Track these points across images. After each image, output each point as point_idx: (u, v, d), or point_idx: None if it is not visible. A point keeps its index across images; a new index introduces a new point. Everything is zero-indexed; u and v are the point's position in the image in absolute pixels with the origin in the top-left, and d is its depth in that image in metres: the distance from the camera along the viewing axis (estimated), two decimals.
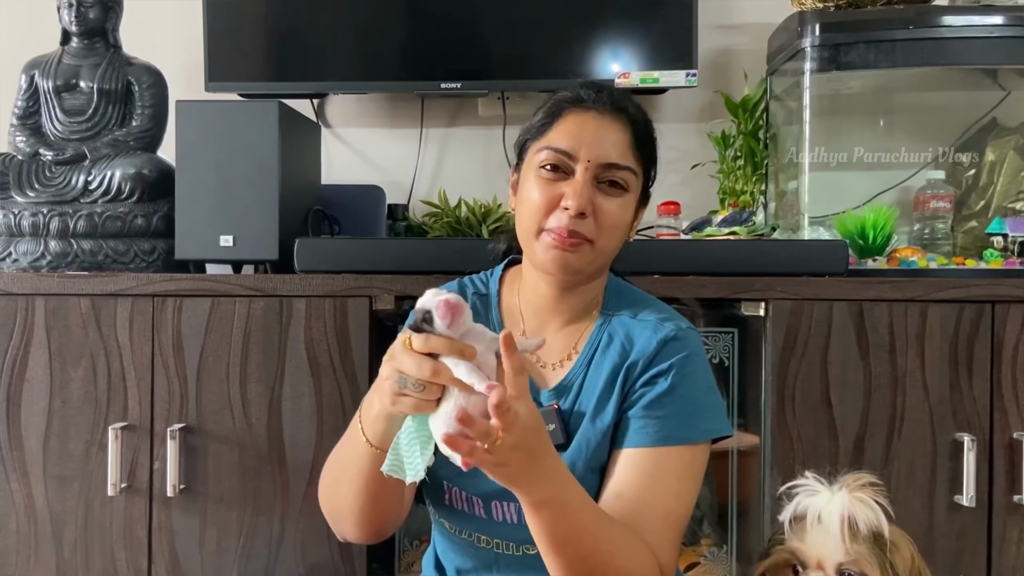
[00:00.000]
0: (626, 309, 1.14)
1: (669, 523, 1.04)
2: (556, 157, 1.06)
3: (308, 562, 1.43)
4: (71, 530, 1.46)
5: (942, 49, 1.60)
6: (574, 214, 1.04)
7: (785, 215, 1.78)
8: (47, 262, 1.60)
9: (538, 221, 1.06)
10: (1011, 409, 1.37)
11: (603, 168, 1.06)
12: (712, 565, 1.56)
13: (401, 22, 1.92)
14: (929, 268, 1.54)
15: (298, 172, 1.65)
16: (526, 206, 1.08)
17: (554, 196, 1.06)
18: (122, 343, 1.45)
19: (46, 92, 1.69)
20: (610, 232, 1.07)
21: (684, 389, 1.07)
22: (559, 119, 1.08)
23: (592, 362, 1.11)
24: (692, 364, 1.09)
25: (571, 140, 1.06)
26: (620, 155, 1.07)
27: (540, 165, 1.07)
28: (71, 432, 1.45)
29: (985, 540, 1.37)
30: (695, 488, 1.08)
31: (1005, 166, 1.72)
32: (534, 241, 1.08)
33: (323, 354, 1.42)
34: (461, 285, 1.21)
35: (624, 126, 1.08)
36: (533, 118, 1.12)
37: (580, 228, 1.05)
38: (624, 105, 1.09)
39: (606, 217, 1.06)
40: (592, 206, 1.05)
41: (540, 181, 1.07)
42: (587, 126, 1.06)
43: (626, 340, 1.11)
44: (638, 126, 1.09)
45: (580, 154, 1.05)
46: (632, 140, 1.08)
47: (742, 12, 1.99)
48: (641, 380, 1.08)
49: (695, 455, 1.08)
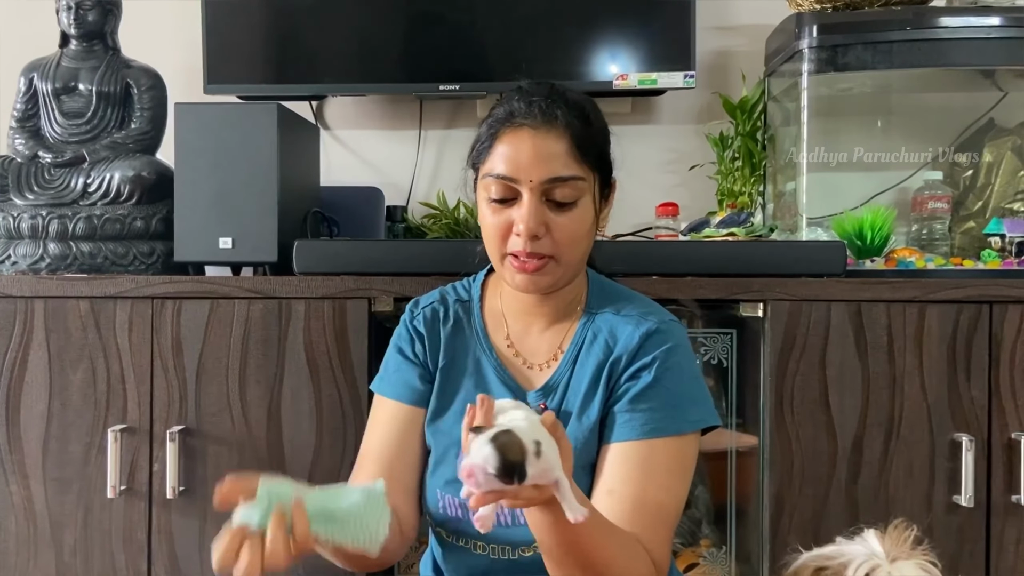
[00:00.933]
0: (609, 306, 1.14)
1: (661, 517, 1.04)
2: (499, 183, 1.05)
3: (307, 563, 1.42)
4: (70, 532, 1.46)
5: (939, 50, 1.60)
6: (527, 236, 1.04)
7: (783, 216, 1.78)
8: (46, 264, 1.60)
9: (498, 247, 1.07)
10: (1009, 409, 1.37)
11: (548, 183, 1.04)
12: (711, 566, 1.56)
13: (399, 24, 1.92)
14: (927, 269, 1.54)
15: (297, 174, 1.65)
16: (485, 232, 1.09)
17: (506, 223, 1.06)
18: (121, 345, 1.45)
19: (45, 95, 1.69)
20: (570, 245, 1.07)
21: (668, 381, 1.07)
22: (497, 141, 1.06)
23: (577, 361, 1.12)
24: (675, 356, 1.09)
25: (509, 164, 1.04)
26: (563, 166, 1.04)
27: (488, 195, 1.07)
28: (70, 434, 1.46)
29: (983, 540, 1.37)
30: (686, 480, 1.08)
31: (1002, 167, 1.72)
32: (500, 266, 1.10)
33: (322, 356, 1.42)
34: (442, 293, 1.21)
35: (560, 134, 1.04)
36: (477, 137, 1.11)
37: (538, 248, 1.05)
38: (555, 113, 1.05)
39: (562, 232, 1.05)
40: (545, 225, 1.04)
41: (490, 210, 1.07)
42: (523, 146, 1.04)
43: (609, 336, 1.11)
44: (575, 129, 1.05)
45: (521, 176, 1.04)
46: (572, 147, 1.05)
47: (740, 14, 1.99)
48: (625, 375, 1.08)
49: (684, 446, 1.07)
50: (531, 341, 1.16)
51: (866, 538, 0.90)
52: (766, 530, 1.39)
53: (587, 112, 1.08)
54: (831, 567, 0.89)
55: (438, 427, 1.14)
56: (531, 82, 1.10)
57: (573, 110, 1.06)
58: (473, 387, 1.14)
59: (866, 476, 1.38)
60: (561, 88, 1.09)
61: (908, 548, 0.89)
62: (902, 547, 0.89)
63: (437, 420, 1.15)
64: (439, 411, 1.15)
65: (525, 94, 1.07)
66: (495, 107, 1.09)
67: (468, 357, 1.16)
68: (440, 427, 1.14)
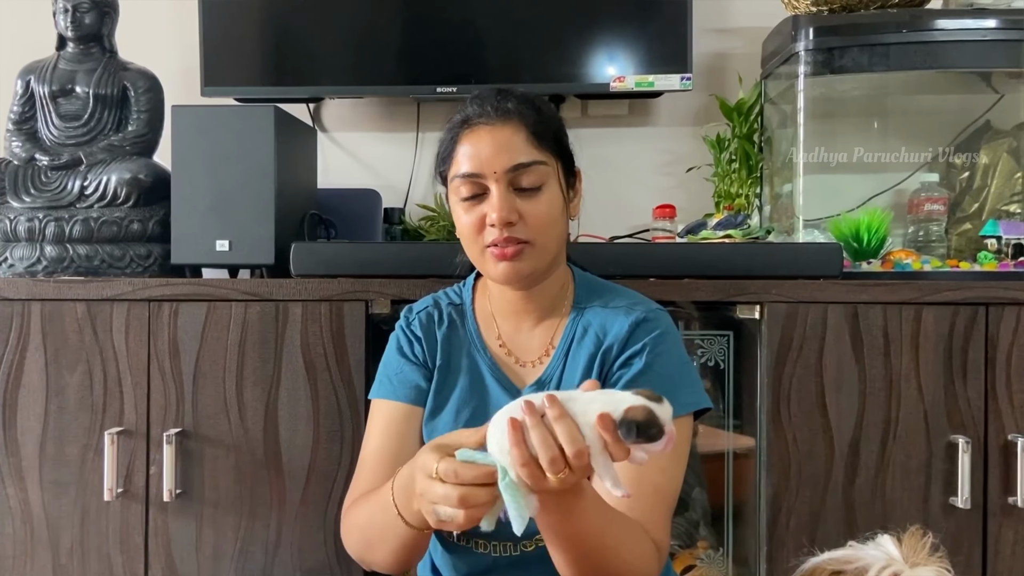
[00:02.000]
0: (597, 300, 1.17)
1: (659, 499, 1.06)
2: (467, 182, 1.09)
3: (305, 566, 1.43)
4: (67, 535, 1.46)
5: (935, 53, 1.60)
6: (500, 225, 1.07)
7: (780, 218, 1.78)
8: (43, 267, 1.60)
9: (475, 242, 1.11)
10: (1005, 411, 1.37)
11: (512, 172, 1.08)
12: (709, 567, 1.56)
13: (397, 27, 1.92)
14: (923, 271, 1.55)
15: (294, 176, 1.65)
16: (462, 233, 1.12)
17: (479, 218, 1.09)
18: (118, 348, 1.45)
19: (42, 97, 1.69)
20: (544, 229, 1.10)
21: (660, 367, 1.10)
22: (458, 144, 1.10)
23: (569, 355, 1.15)
24: (665, 342, 1.12)
25: (473, 161, 1.08)
26: (522, 153, 1.08)
27: (458, 196, 1.10)
28: (67, 437, 1.45)
29: (980, 542, 1.37)
30: (682, 461, 1.11)
31: (999, 169, 1.72)
32: (482, 262, 1.12)
33: (319, 358, 1.42)
34: (435, 299, 1.24)
35: (516, 126, 1.09)
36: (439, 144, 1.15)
37: (514, 233, 1.08)
38: (507, 107, 1.10)
39: (534, 218, 1.09)
40: (517, 212, 1.08)
41: (463, 208, 1.10)
42: (482, 142, 1.08)
43: (599, 329, 1.14)
44: (528, 119, 1.10)
45: (485, 170, 1.07)
46: (528, 134, 1.09)
47: (736, 16, 2.00)
48: (617, 363, 1.11)
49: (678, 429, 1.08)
50: (522, 339, 1.18)
51: (881, 543, 0.89)
52: (763, 532, 1.39)
53: (537, 103, 1.13)
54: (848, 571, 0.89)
55: (435, 426, 1.16)
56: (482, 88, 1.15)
57: (523, 102, 1.12)
58: (468, 386, 1.17)
59: (863, 478, 1.38)
60: (509, 87, 1.14)
61: (926, 554, 0.88)
62: (920, 553, 0.88)
63: (434, 419, 1.17)
64: (436, 410, 1.17)
65: (476, 98, 1.12)
66: (452, 117, 1.14)
67: (463, 357, 1.19)
68: (436, 426, 1.16)
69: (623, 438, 0.81)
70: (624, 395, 0.83)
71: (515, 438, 0.81)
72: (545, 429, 0.81)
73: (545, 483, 0.82)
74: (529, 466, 0.81)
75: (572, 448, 0.80)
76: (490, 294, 1.20)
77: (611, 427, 0.80)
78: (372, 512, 1.05)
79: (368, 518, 1.07)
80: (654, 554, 1.02)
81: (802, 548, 1.18)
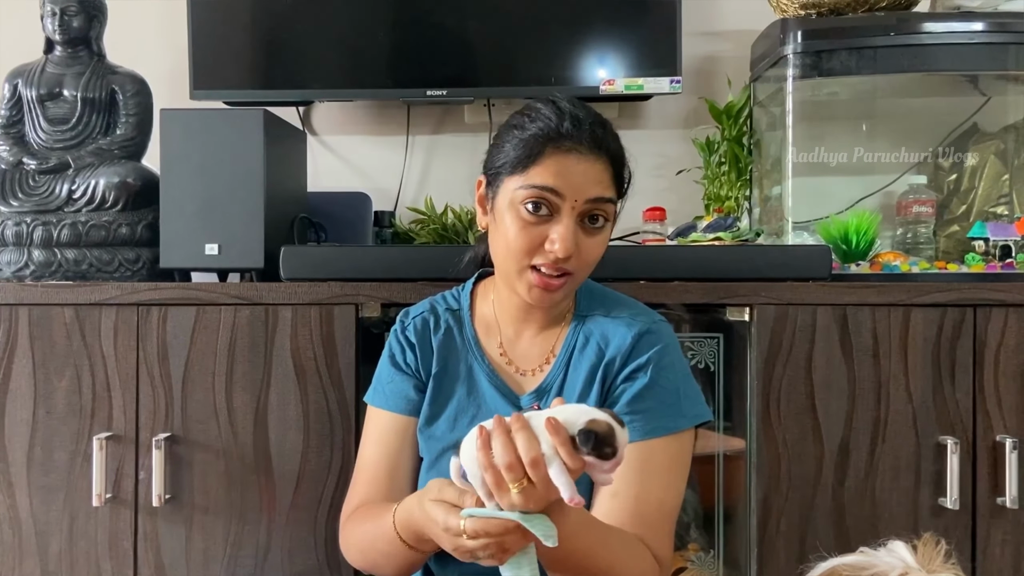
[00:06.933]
0: (599, 309, 1.17)
1: (663, 514, 1.07)
2: (542, 195, 1.04)
3: (295, 571, 1.43)
4: (56, 541, 1.45)
5: (923, 55, 1.61)
6: (562, 257, 1.04)
7: (769, 220, 1.79)
8: (31, 272, 1.59)
9: (521, 259, 1.07)
10: (993, 412, 1.38)
11: (589, 203, 1.06)
12: (699, 570, 1.56)
13: (387, 29, 1.92)
14: (911, 272, 1.56)
15: (284, 180, 1.64)
16: (508, 243, 1.07)
17: (539, 237, 1.05)
18: (107, 352, 1.44)
19: (29, 101, 1.68)
20: (591, 264, 1.10)
21: (664, 380, 1.10)
22: (541, 156, 1.05)
23: (570, 363, 1.14)
24: (668, 355, 1.12)
25: (557, 179, 1.04)
26: (604, 189, 1.07)
27: (523, 203, 1.05)
28: (55, 442, 1.44)
29: (969, 542, 1.38)
30: (684, 476, 1.12)
31: (986, 171, 1.73)
32: (517, 278, 1.09)
33: (309, 362, 1.42)
34: (432, 303, 1.23)
35: (606, 165, 1.07)
36: (503, 146, 1.09)
37: (564, 266, 1.06)
38: (605, 143, 1.07)
39: (589, 254, 1.08)
40: (576, 246, 1.06)
41: (522, 222, 1.06)
42: (571, 167, 1.05)
43: (601, 339, 1.14)
44: (617, 161, 1.09)
45: (567, 193, 1.04)
46: (613, 175, 1.08)
47: (725, 19, 2.00)
48: (621, 376, 1.11)
49: (681, 443, 1.11)
50: (522, 346, 1.18)
51: (894, 549, 0.89)
52: (754, 534, 1.40)
53: (620, 142, 1.11)
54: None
55: (431, 433, 1.16)
56: (565, 98, 1.10)
57: (615, 139, 1.10)
58: (466, 394, 1.16)
59: (852, 479, 1.38)
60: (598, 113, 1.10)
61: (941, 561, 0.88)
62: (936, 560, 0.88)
63: (430, 426, 1.16)
64: (432, 417, 1.17)
65: (571, 115, 1.06)
66: (531, 120, 1.08)
67: (460, 364, 1.18)
68: (433, 433, 1.16)
69: (580, 444, 0.84)
70: (590, 409, 0.87)
71: (481, 443, 0.86)
72: (507, 437, 0.85)
73: (507, 493, 0.85)
74: (492, 471, 0.85)
75: (528, 456, 0.84)
76: (495, 299, 1.19)
77: (560, 431, 0.84)
78: (374, 538, 1.07)
79: (370, 543, 1.09)
80: (655, 570, 1.03)
81: (789, 550, 1.19)
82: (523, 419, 0.87)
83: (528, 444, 0.84)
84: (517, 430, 0.85)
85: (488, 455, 0.85)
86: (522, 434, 0.85)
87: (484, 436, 0.87)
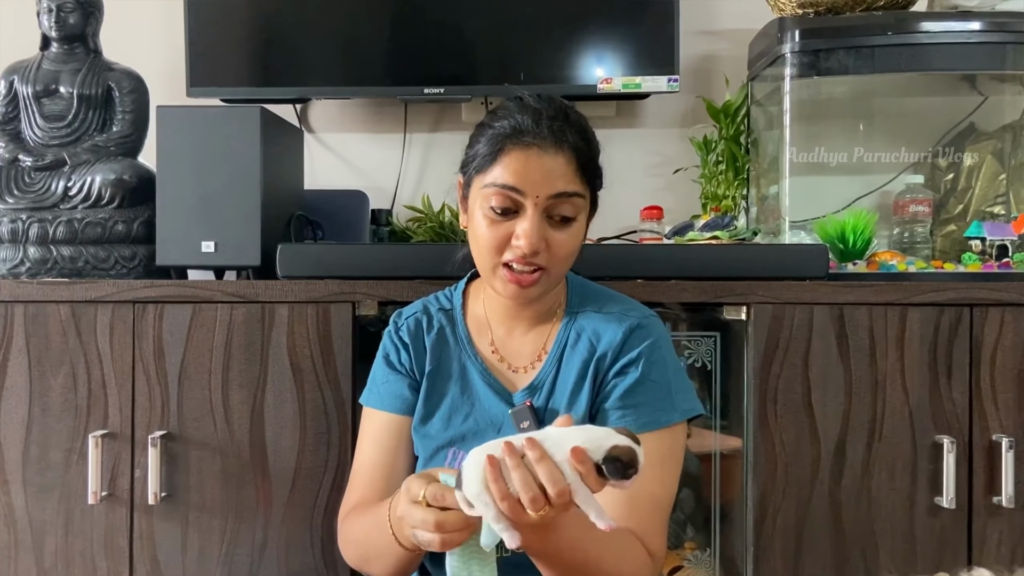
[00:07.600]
0: (590, 305, 1.17)
1: (656, 509, 1.07)
2: (503, 194, 1.05)
3: (291, 568, 1.42)
4: (51, 539, 1.44)
5: (921, 55, 1.61)
6: (528, 254, 1.05)
7: (766, 219, 1.79)
8: (26, 269, 1.59)
9: (491, 257, 1.08)
10: (990, 411, 1.38)
11: (553, 199, 1.05)
12: (696, 568, 1.56)
13: (384, 27, 1.92)
14: (908, 272, 1.56)
15: (281, 177, 1.64)
16: (479, 243, 1.09)
17: (505, 234, 1.06)
18: (102, 350, 1.44)
19: (25, 97, 1.68)
20: (565, 259, 1.09)
21: (656, 375, 1.11)
22: (503, 154, 1.05)
23: (562, 359, 1.15)
24: (659, 350, 1.12)
25: (516, 177, 1.04)
26: (567, 183, 1.06)
27: (489, 204, 1.06)
28: (51, 440, 1.44)
29: (965, 541, 1.38)
30: (677, 469, 1.12)
31: (983, 170, 1.73)
32: (492, 276, 1.10)
33: (305, 360, 1.42)
34: (425, 304, 1.24)
35: (569, 158, 1.06)
36: (475, 145, 1.10)
37: (535, 260, 1.06)
38: (565, 136, 1.06)
39: (559, 248, 1.07)
40: (544, 241, 1.06)
41: (489, 220, 1.07)
42: (531, 163, 1.04)
43: (593, 335, 1.14)
44: (581, 152, 1.07)
45: (527, 190, 1.04)
46: (577, 167, 1.07)
47: (723, 18, 2.00)
48: (612, 371, 1.12)
49: (674, 437, 1.11)
50: (514, 344, 1.18)
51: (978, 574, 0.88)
52: (750, 532, 1.40)
53: (589, 134, 1.10)
54: None
55: (426, 432, 1.16)
56: (532, 95, 1.10)
57: (579, 132, 1.08)
58: (459, 392, 1.17)
59: (849, 478, 1.38)
60: (564, 106, 1.10)
61: None
62: None
63: (424, 425, 1.17)
64: (426, 416, 1.17)
65: (532, 111, 1.06)
66: (497, 118, 1.08)
67: (453, 363, 1.19)
68: (428, 432, 1.16)
69: (608, 474, 0.83)
70: (606, 432, 0.85)
71: (493, 474, 0.84)
72: (526, 470, 0.83)
73: (526, 518, 0.84)
74: (509, 500, 0.83)
75: (554, 489, 0.83)
76: (485, 298, 1.20)
77: (586, 461, 0.83)
78: (368, 531, 1.07)
79: (364, 536, 1.09)
80: (647, 563, 1.03)
81: (786, 550, 1.18)
82: (540, 447, 0.84)
83: (552, 476, 0.83)
84: (537, 460, 0.83)
85: (502, 487, 0.83)
86: (543, 465, 0.83)
87: (495, 467, 0.84)
